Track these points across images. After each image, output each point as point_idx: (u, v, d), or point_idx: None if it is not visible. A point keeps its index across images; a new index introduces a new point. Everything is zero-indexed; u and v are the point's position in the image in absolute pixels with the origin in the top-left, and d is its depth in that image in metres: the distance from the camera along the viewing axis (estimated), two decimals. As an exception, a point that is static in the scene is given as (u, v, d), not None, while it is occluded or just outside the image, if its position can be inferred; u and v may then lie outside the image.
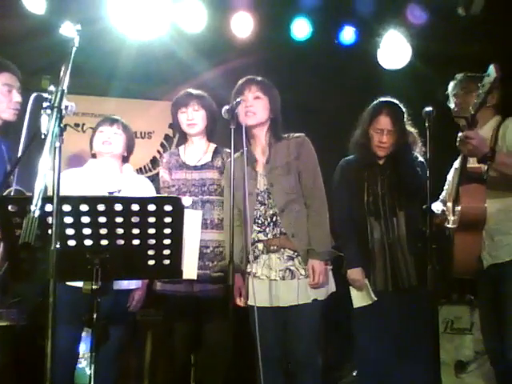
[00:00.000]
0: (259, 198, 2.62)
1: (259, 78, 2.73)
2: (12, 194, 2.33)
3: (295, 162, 2.61)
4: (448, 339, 3.39)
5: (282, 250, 2.57)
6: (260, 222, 2.60)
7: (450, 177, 2.93)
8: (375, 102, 2.93)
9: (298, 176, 2.61)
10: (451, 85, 2.86)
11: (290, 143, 2.66)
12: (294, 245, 2.55)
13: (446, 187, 2.95)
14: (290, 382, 2.65)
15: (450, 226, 2.67)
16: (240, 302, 2.60)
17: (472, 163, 2.58)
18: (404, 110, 2.91)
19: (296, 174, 2.61)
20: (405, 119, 2.90)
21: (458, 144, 2.47)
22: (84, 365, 3.29)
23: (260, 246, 2.60)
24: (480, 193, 2.51)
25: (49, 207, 1.59)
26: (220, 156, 2.94)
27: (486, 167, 2.51)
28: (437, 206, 2.84)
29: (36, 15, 3.65)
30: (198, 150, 2.97)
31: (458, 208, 2.57)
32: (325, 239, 2.57)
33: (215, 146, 3.00)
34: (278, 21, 4.10)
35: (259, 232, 2.60)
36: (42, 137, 1.54)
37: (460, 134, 2.46)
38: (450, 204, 2.73)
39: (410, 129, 2.91)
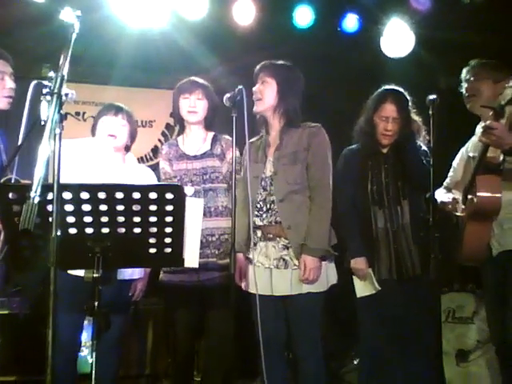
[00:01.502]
0: (262, 183, 2.61)
1: (275, 63, 2.68)
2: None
3: (304, 153, 2.56)
4: (450, 328, 3.38)
5: (278, 238, 2.55)
6: (259, 206, 2.59)
7: (455, 163, 2.92)
8: (380, 90, 2.90)
9: (305, 167, 2.56)
10: (464, 71, 2.85)
11: (303, 133, 2.60)
12: (289, 237, 2.51)
13: (450, 174, 2.94)
14: (292, 371, 2.66)
15: (459, 214, 2.68)
16: (239, 281, 2.60)
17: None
18: (409, 98, 2.89)
19: (303, 164, 2.56)
20: (409, 107, 2.88)
21: (480, 134, 2.44)
22: (86, 353, 3.31)
23: (259, 232, 2.60)
24: (496, 183, 2.51)
25: (49, 195, 1.58)
26: (219, 143, 2.93)
27: (501, 158, 2.50)
28: (441, 193, 2.83)
29: (36, 3, 3.62)
30: (196, 139, 2.95)
31: (471, 197, 2.57)
32: (321, 236, 2.50)
33: (213, 133, 2.98)
34: (281, 8, 4.07)
35: (256, 216, 2.58)
36: (42, 123, 1.53)
37: (483, 124, 2.44)
38: (458, 192, 2.72)
39: (415, 117, 2.88)
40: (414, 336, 2.66)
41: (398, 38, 4.11)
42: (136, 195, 1.77)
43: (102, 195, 1.76)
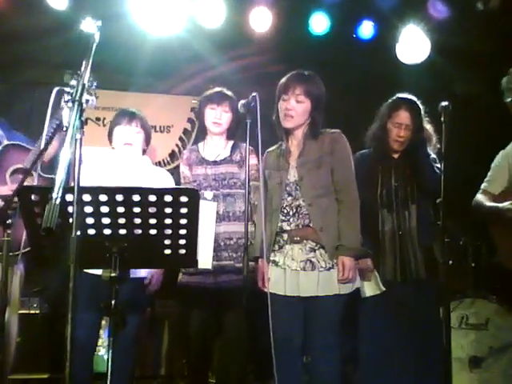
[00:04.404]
0: (287, 188, 2.63)
1: (306, 77, 2.66)
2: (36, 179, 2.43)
3: (328, 158, 2.60)
4: (463, 334, 3.37)
5: (305, 241, 2.58)
6: (285, 211, 2.62)
7: (494, 165, 2.95)
8: (394, 98, 2.97)
9: (330, 171, 2.60)
10: (505, 80, 2.86)
11: (325, 138, 2.64)
12: (322, 239, 2.53)
13: (488, 178, 2.97)
14: (309, 373, 2.66)
15: None
16: (262, 286, 2.61)
17: None
18: (421, 106, 2.93)
19: (328, 169, 2.60)
20: (422, 116, 2.92)
21: None
22: (102, 352, 3.38)
23: (285, 236, 2.62)
24: None
25: (69, 197, 1.64)
26: (238, 151, 3.01)
27: None
28: (482, 199, 2.91)
29: (58, 11, 3.72)
30: (217, 146, 3.04)
31: None
32: (355, 236, 2.55)
33: (233, 141, 3.06)
34: (297, 15, 4.11)
35: (283, 221, 2.61)
36: (64, 129, 1.60)
37: None
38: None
39: (426, 125, 2.93)
40: (419, 338, 2.70)
41: (413, 45, 4.12)
42: (152, 198, 1.83)
43: (119, 197, 1.81)
